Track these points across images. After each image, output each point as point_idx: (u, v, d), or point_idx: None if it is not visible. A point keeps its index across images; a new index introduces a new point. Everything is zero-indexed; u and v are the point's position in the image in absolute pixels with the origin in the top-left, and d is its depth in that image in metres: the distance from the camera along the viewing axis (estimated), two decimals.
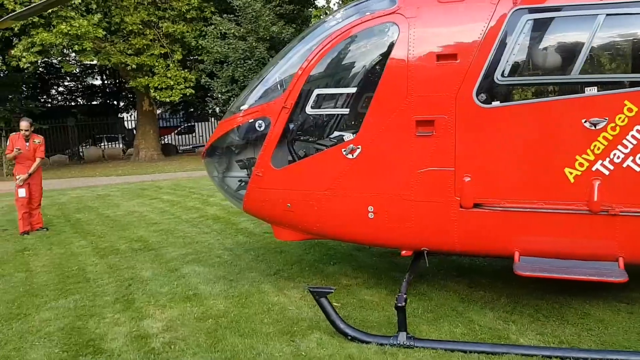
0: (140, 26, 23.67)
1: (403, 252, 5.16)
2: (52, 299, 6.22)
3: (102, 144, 34.30)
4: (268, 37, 22.78)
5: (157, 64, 24.20)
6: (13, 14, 6.72)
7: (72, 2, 20.04)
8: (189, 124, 40.68)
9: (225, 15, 23.53)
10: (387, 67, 4.81)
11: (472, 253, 5.10)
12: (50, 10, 19.86)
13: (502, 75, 4.52)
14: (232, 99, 22.89)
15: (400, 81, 4.76)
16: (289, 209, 5.40)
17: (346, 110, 5.35)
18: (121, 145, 34.41)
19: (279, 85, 5.48)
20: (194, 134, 38.42)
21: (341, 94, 5.36)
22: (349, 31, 5.01)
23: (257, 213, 5.75)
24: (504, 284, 5.93)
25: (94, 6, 22.12)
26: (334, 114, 5.48)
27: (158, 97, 24.44)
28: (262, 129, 5.46)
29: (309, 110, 5.22)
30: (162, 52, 24.42)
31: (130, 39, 24.08)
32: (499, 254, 4.89)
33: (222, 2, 25.84)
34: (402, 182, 4.89)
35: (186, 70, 25.27)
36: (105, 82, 45.68)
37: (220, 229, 9.66)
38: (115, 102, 46.07)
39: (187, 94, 24.75)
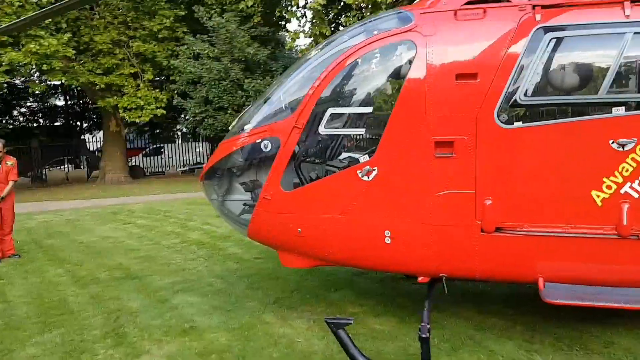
0: (110, 45, 23.13)
1: (420, 279, 4.93)
2: (36, 332, 5.74)
3: (66, 166, 33.23)
4: (243, 58, 22.57)
5: (126, 83, 23.64)
6: (4, 26, 6.31)
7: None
8: (157, 146, 39.91)
9: (198, 35, 23.24)
10: (405, 86, 4.63)
11: (493, 279, 4.90)
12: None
13: (525, 95, 4.40)
14: (206, 119, 22.52)
15: (418, 101, 4.58)
16: (300, 234, 5.12)
17: (362, 131, 5.14)
18: (85, 168, 33.42)
19: (287, 105, 5.24)
20: (162, 156, 37.66)
21: (356, 114, 5.15)
22: (363, 49, 4.82)
23: (264, 239, 5.45)
24: (514, 310, 5.76)
25: (64, 25, 21.52)
26: (349, 134, 5.26)
27: (127, 118, 23.81)
28: (270, 149, 5.19)
29: (322, 130, 4.99)
30: (132, 71, 23.88)
31: (99, 58, 23.49)
32: (522, 280, 4.72)
33: (195, 22, 25.56)
34: (420, 206, 4.69)
35: (157, 90, 24.76)
36: (69, 102, 44.56)
37: (206, 254, 9.25)
38: (78, 123, 44.95)
39: (158, 114, 24.20)
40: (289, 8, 24.19)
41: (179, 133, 47.74)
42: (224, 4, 25.01)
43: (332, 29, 24.25)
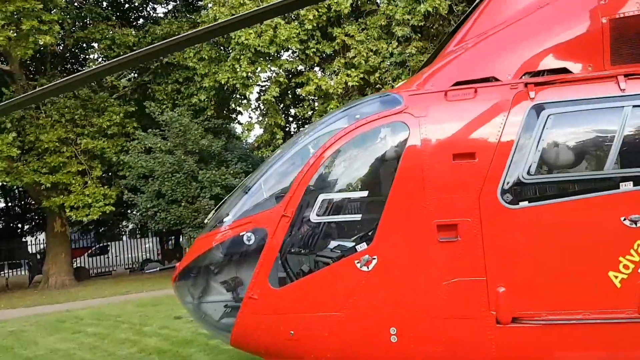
0: (57, 143, 22.41)
1: None
2: None
3: (6, 271, 31.07)
4: (197, 150, 22.29)
5: (74, 181, 22.73)
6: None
7: None
8: (102, 244, 38.19)
9: (150, 130, 22.94)
10: (400, 169, 4.38)
11: None
12: None
13: (528, 173, 4.21)
14: (158, 213, 21.71)
15: (416, 183, 4.32)
16: (292, 338, 4.57)
17: (357, 217, 4.78)
18: (25, 272, 31.34)
19: (272, 194, 4.87)
20: (107, 255, 35.90)
21: (350, 199, 4.83)
22: (353, 132, 4.58)
23: (250, 345, 4.85)
24: None
25: (8, 124, 20.80)
26: (343, 221, 4.90)
27: (74, 217, 22.70)
28: (255, 242, 4.75)
29: (314, 217, 4.61)
30: (80, 169, 23.08)
31: (45, 157, 22.64)
32: None
33: (146, 117, 25.36)
34: (427, 297, 4.29)
35: (105, 186, 23.92)
36: (9, 204, 42.56)
37: None
38: (19, 225, 42.76)
39: (107, 212, 23.21)
40: (241, 101, 24.48)
41: (126, 230, 46.19)
42: (175, 98, 25.09)
43: (285, 118, 24.59)
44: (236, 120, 29.86)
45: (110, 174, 25.10)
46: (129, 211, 31.02)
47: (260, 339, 4.71)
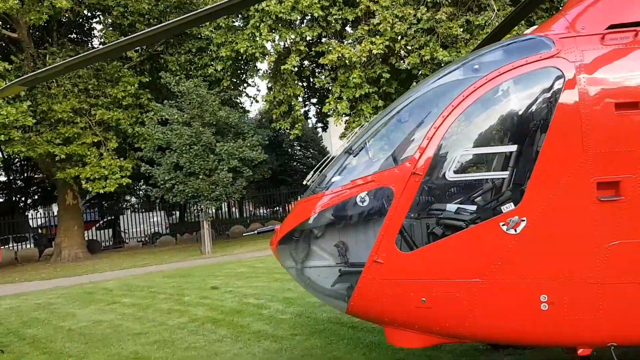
0: (71, 114, 21.80)
1: (581, 351, 4.05)
2: None
3: (13, 245, 30.63)
4: (214, 122, 21.75)
5: (89, 152, 22.21)
6: (20, 78, 5.27)
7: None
8: (110, 218, 37.82)
9: (165, 101, 22.35)
10: (555, 120, 3.93)
11: None
12: None
13: None
14: (176, 186, 21.27)
15: (573, 136, 3.88)
16: (424, 305, 4.17)
17: (503, 174, 4.33)
18: (31, 246, 30.94)
19: (396, 149, 4.42)
20: (117, 229, 35.51)
21: (494, 154, 4.39)
22: (496, 79, 4.11)
23: (372, 313, 4.45)
24: None
25: (22, 93, 20.16)
26: (487, 179, 4.46)
27: (91, 188, 22.23)
28: (378, 202, 4.32)
29: (450, 175, 4.17)
30: (95, 140, 22.52)
31: (58, 127, 22.04)
32: None
33: (159, 88, 24.75)
34: (585, 261, 3.89)
35: (121, 158, 23.40)
36: (11, 178, 41.90)
37: (231, 334, 7.99)
38: (23, 199, 42.20)
39: (124, 184, 22.75)
40: (257, 72, 23.86)
41: (132, 204, 45.83)
42: (188, 69, 24.45)
43: (304, 88, 24.02)
44: (244, 93, 29.21)
45: (125, 146, 24.55)
46: (140, 185, 30.59)
47: (384, 306, 4.31)
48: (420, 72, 19.91)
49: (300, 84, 22.74)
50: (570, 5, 4.50)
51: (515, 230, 3.94)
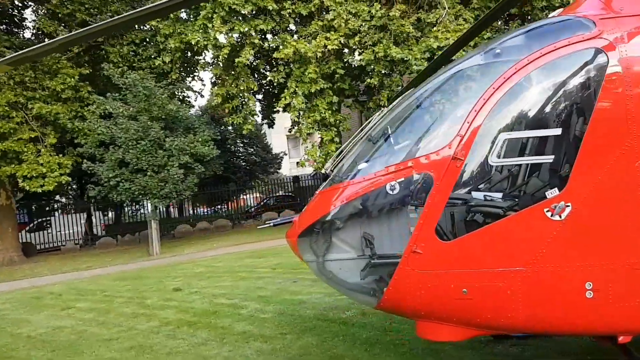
0: (6, 108, 20.29)
1: (621, 339, 3.99)
2: None
3: None
4: (163, 116, 20.88)
5: (25, 149, 20.76)
6: (8, 57, 4.67)
7: None
8: (42, 220, 35.66)
9: (108, 94, 21.23)
10: (599, 103, 3.84)
11: None
12: None
13: None
14: (121, 184, 20.23)
15: (618, 119, 3.80)
16: (465, 297, 3.99)
17: (547, 158, 4.18)
18: None
19: (430, 133, 4.22)
20: (49, 231, 33.50)
21: (538, 138, 4.24)
22: (538, 60, 3.97)
23: (408, 307, 4.20)
24: None
25: None
26: (530, 164, 4.31)
27: (28, 188, 20.77)
28: (416, 190, 4.09)
29: (493, 160, 4.00)
30: (32, 135, 21.08)
31: None
32: None
33: (100, 81, 23.52)
34: (631, 247, 3.82)
35: (60, 155, 22.05)
36: None
37: (213, 336, 7.54)
38: None
39: (63, 182, 21.44)
40: (209, 64, 23.15)
41: (62, 204, 43.45)
42: (132, 61, 23.39)
43: (258, 83, 23.52)
44: (191, 88, 28.31)
45: (64, 142, 23.15)
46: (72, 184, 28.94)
47: (422, 298, 4.08)
48: (373, 69, 19.88)
49: (253, 79, 22.22)
50: None
51: (560, 217, 3.82)
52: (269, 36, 21.57)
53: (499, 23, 20.60)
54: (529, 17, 21.05)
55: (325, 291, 9.61)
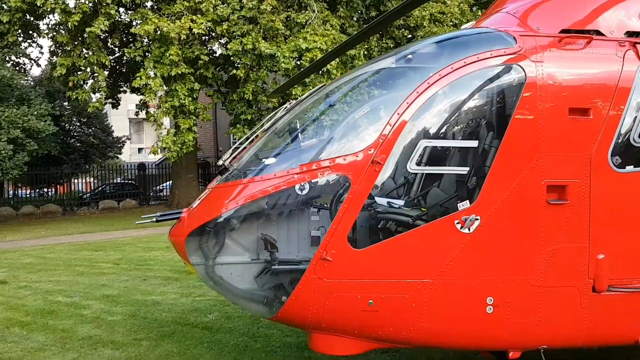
0: None
1: (512, 354, 4.04)
2: None
3: None
4: None
5: None
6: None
7: None
8: None
9: None
10: (514, 120, 3.85)
11: (597, 344, 4.31)
12: None
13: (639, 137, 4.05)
14: None
15: (530, 136, 3.85)
16: (370, 308, 3.75)
17: (462, 170, 4.04)
18: None
19: (346, 134, 3.92)
20: None
21: (455, 149, 4.10)
22: (462, 69, 3.86)
23: (308, 318, 3.82)
24: None
25: None
26: (445, 174, 4.15)
27: None
28: (331, 192, 3.79)
29: (412, 167, 3.80)
30: None
31: None
32: (623, 342, 4.23)
33: None
34: (529, 264, 3.89)
35: None
36: None
37: (53, 340, 6.47)
38: None
39: None
40: (55, 29, 20.72)
41: None
42: None
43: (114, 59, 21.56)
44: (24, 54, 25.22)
45: None
46: None
47: (327, 309, 3.74)
48: (240, 60, 19.30)
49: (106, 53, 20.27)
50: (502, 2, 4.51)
51: (469, 230, 3.76)
52: (121, 10, 19.90)
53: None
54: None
55: (180, 291, 8.93)
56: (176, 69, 18.51)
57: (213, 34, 20.00)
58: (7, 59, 21.43)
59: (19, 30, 20.10)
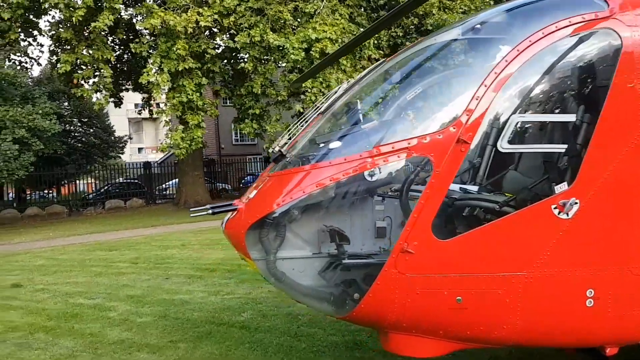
0: None
1: (609, 350, 3.66)
2: None
3: None
4: None
5: None
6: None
7: None
8: None
9: None
10: (613, 91, 3.44)
11: None
12: None
13: None
14: None
15: (632, 108, 3.44)
16: (459, 306, 3.36)
17: (560, 148, 3.63)
18: None
19: (424, 110, 3.52)
20: None
21: (551, 124, 3.69)
22: (552, 35, 3.45)
23: (388, 318, 3.43)
24: None
25: None
26: (541, 154, 3.74)
27: None
28: (410, 176, 3.38)
29: (503, 145, 3.39)
30: None
31: None
32: None
33: None
34: (632, 251, 3.49)
35: None
36: None
37: (82, 346, 6.09)
38: None
39: None
40: (54, 27, 20.26)
41: None
42: None
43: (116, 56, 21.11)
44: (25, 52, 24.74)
45: None
46: None
47: (409, 308, 3.35)
48: (248, 53, 18.88)
49: (110, 49, 19.84)
50: None
51: (568, 215, 3.36)
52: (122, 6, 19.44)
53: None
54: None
55: (207, 290, 8.54)
56: (183, 63, 18.09)
57: (218, 28, 19.55)
58: (10, 57, 20.97)
59: (19, 29, 19.64)
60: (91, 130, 43.58)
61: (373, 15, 22.22)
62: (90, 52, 18.50)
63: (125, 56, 24.55)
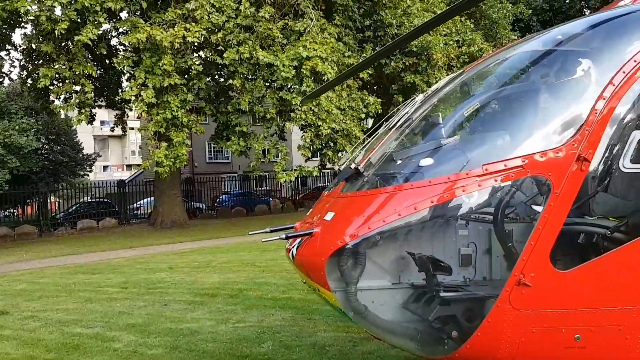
0: None
1: None
2: None
3: None
4: None
5: None
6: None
7: None
8: None
9: None
10: None
11: None
12: None
13: None
14: None
15: None
16: (577, 344, 2.97)
17: None
18: None
19: (530, 124, 3.17)
20: None
21: None
22: None
23: (497, 359, 3.02)
24: None
25: None
26: None
27: None
28: (524, 198, 3.01)
29: (626, 165, 3.05)
30: None
31: None
32: None
33: None
34: None
35: None
36: None
37: None
38: None
39: None
40: (32, 40, 19.44)
41: None
42: None
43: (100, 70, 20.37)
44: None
45: None
46: None
47: (521, 348, 2.95)
48: (236, 69, 18.44)
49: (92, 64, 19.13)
50: None
51: None
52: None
53: None
54: None
55: (214, 317, 7.95)
56: (169, 79, 17.53)
57: (205, 45, 19.11)
58: None
59: None
60: (58, 147, 42.07)
61: (359, 36, 22.15)
62: (72, 66, 17.76)
63: (99, 72, 23.81)
